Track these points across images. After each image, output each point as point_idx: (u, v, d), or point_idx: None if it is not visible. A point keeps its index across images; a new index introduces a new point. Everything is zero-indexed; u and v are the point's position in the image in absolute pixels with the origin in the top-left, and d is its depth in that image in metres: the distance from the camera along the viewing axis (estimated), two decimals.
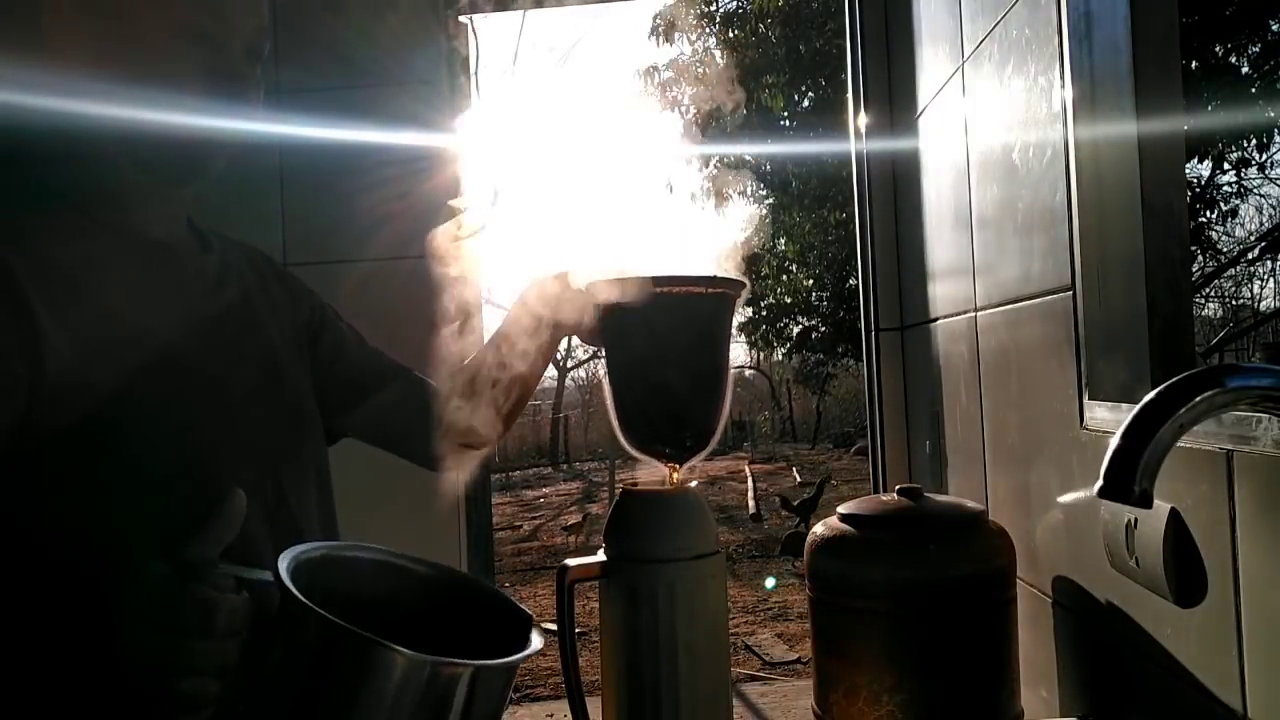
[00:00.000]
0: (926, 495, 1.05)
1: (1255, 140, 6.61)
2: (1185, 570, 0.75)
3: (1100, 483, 0.57)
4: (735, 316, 1.04)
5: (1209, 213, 7.39)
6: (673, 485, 0.98)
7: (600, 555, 0.94)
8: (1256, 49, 6.19)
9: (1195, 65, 5.80)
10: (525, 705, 5.16)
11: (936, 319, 1.51)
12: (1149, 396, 0.57)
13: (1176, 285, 0.92)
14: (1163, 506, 0.76)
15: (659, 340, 0.96)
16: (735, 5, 9.09)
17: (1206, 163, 6.76)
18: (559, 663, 0.96)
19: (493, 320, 1.13)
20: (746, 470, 13.02)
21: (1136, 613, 0.85)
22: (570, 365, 20.71)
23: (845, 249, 9.13)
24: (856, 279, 1.93)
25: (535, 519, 11.23)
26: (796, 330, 11.55)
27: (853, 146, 1.82)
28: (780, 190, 9.71)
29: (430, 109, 1.74)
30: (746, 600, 6.84)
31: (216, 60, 0.84)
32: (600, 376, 1.04)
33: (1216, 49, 6.05)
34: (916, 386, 1.69)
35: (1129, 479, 0.56)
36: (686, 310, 0.96)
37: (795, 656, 5.50)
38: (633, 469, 1.02)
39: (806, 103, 8.66)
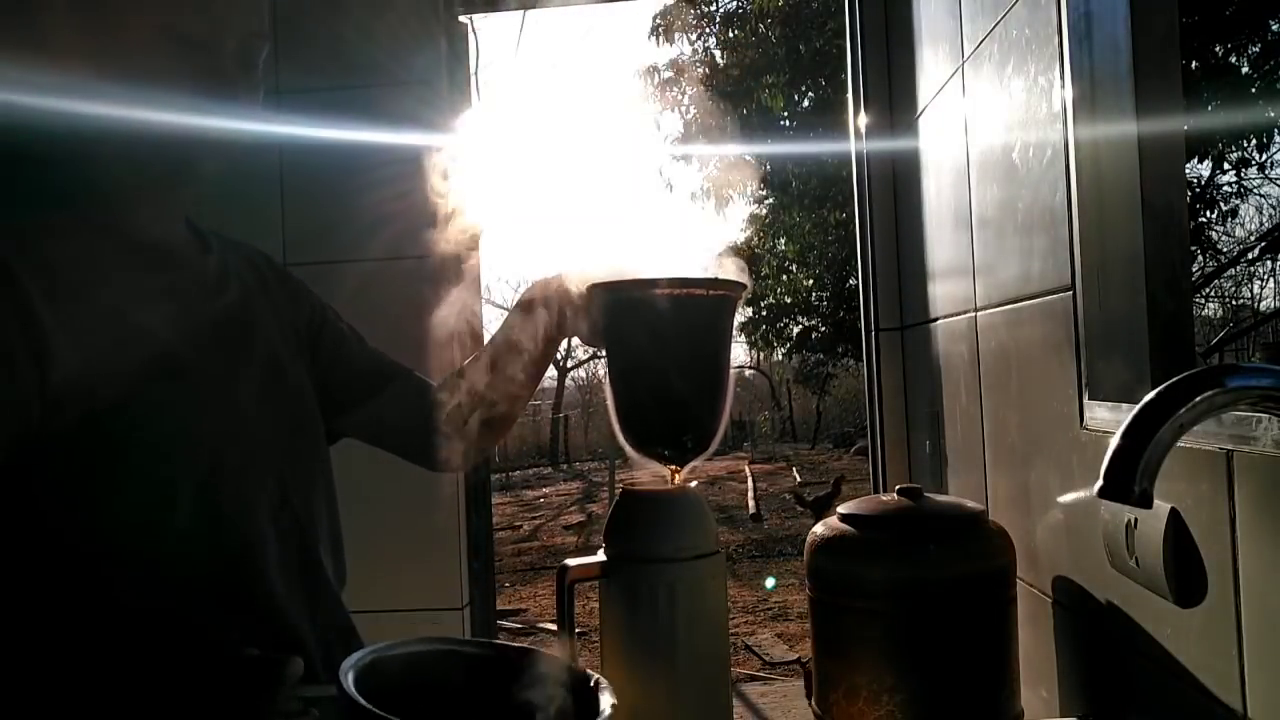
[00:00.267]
0: (926, 495, 1.05)
1: (1255, 140, 6.61)
2: (1185, 570, 0.75)
3: (1100, 483, 0.57)
4: (735, 317, 1.04)
5: (1209, 213, 7.39)
6: (673, 485, 0.98)
7: (600, 555, 0.94)
8: (1256, 49, 6.19)
9: (1195, 65, 5.80)
10: None
11: (936, 319, 1.51)
12: (1149, 396, 0.57)
13: (1176, 285, 0.92)
14: (1163, 506, 0.76)
15: (660, 342, 0.96)
16: (735, 5, 9.09)
17: (1206, 163, 6.76)
18: None
19: (493, 320, 1.13)
20: (746, 470, 13.02)
21: (1136, 613, 0.85)
22: (570, 365, 20.71)
23: (845, 249, 9.13)
24: (856, 279, 1.93)
25: (535, 519, 11.23)
26: (796, 330, 11.55)
27: (853, 146, 1.82)
28: (780, 190, 9.71)
29: (430, 109, 1.74)
30: (746, 600, 6.84)
31: (203, 63, 0.82)
32: (600, 377, 1.04)
33: (1216, 49, 6.05)
34: (916, 386, 1.69)
35: (1129, 479, 0.56)
36: (687, 312, 0.96)
37: (795, 656, 5.50)
38: (633, 469, 1.02)
39: (806, 103, 8.67)
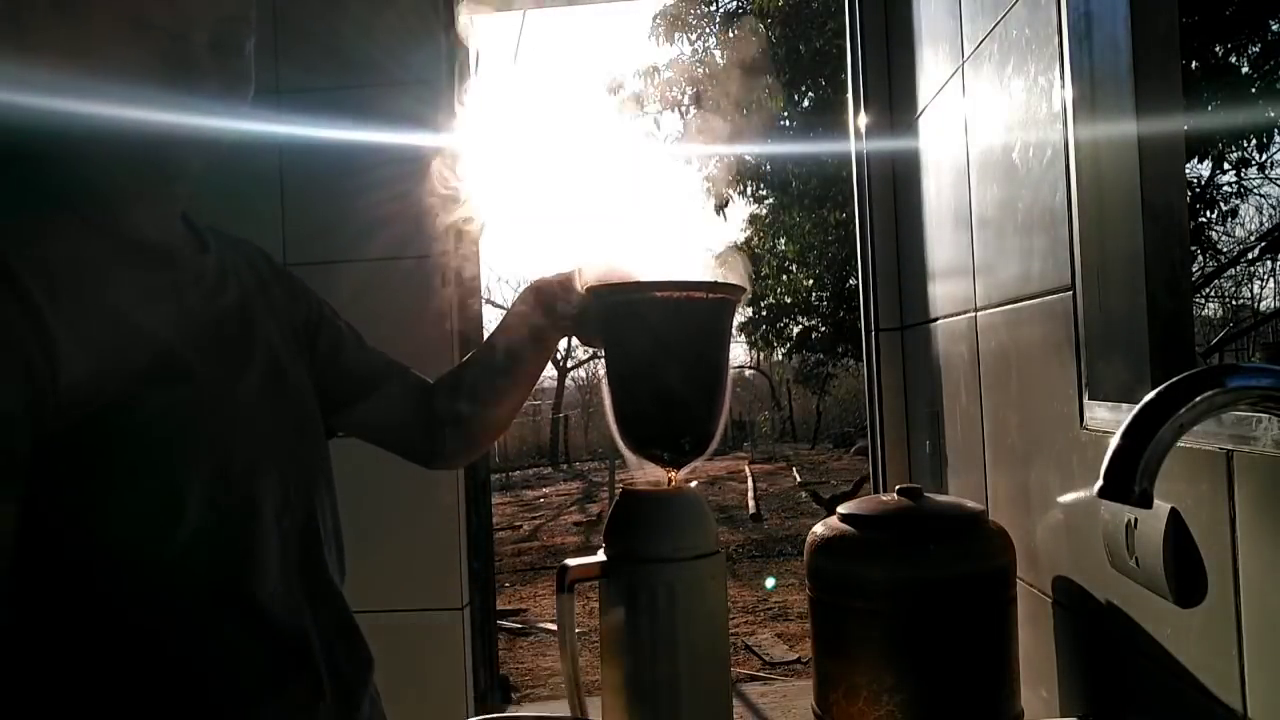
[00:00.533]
0: (926, 495, 1.05)
1: (1255, 140, 6.60)
2: (1185, 570, 0.75)
3: (1100, 483, 0.57)
4: (735, 319, 1.04)
5: (1209, 213, 7.39)
6: (672, 485, 0.98)
7: (600, 555, 0.94)
8: (1256, 49, 6.19)
9: (1195, 65, 5.80)
10: (525, 705, 5.17)
11: (936, 319, 1.51)
12: (1149, 396, 0.57)
13: (1176, 285, 0.92)
14: (1163, 506, 0.76)
15: (659, 344, 0.96)
16: (735, 5, 9.09)
17: (1206, 163, 6.75)
18: (559, 663, 0.96)
19: (492, 320, 1.12)
20: (746, 470, 13.03)
21: (1136, 613, 0.85)
22: (570, 365, 20.71)
23: (845, 249, 9.12)
24: (856, 279, 1.93)
25: (535, 519, 11.23)
26: (796, 330, 11.54)
27: (853, 146, 1.82)
28: (780, 190, 9.71)
29: (430, 109, 1.74)
30: (746, 600, 6.84)
31: (174, 53, 0.80)
32: (600, 377, 1.04)
33: (1216, 49, 6.05)
34: (916, 386, 1.69)
35: (1129, 479, 0.56)
36: (687, 315, 0.96)
37: (795, 656, 5.50)
38: (631, 470, 1.02)
39: (806, 103, 8.67)
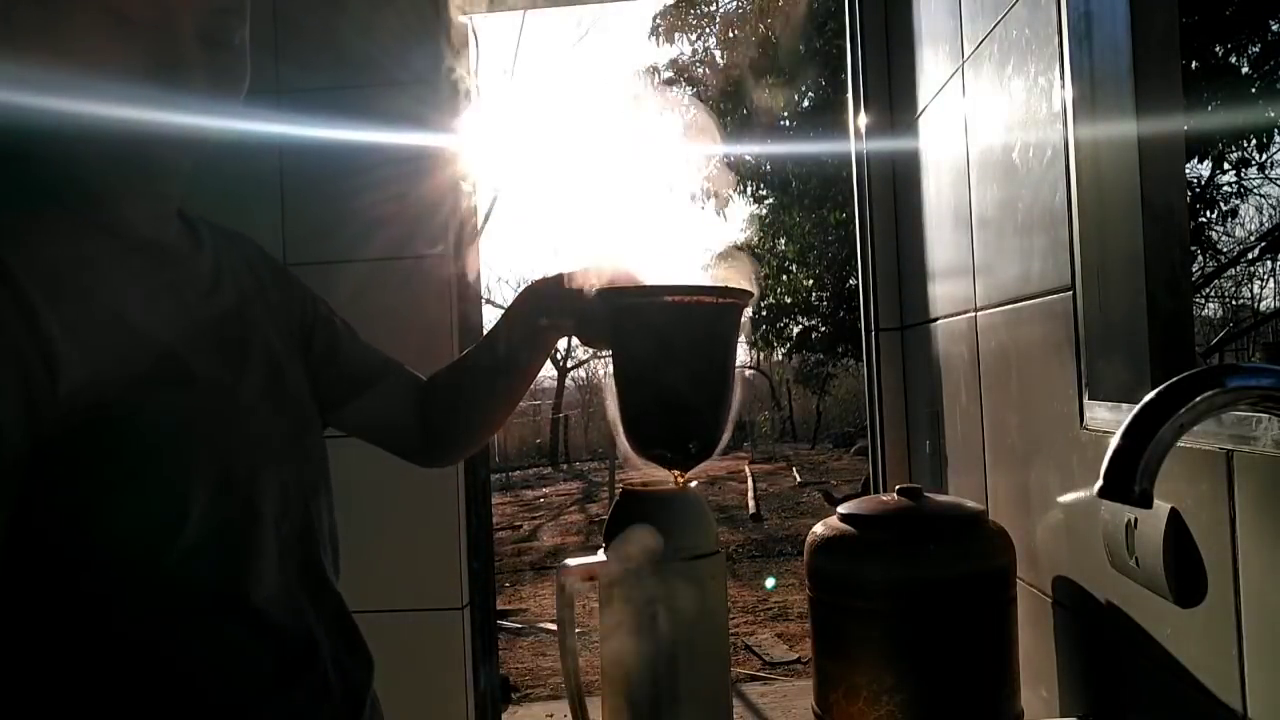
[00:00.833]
0: (926, 495, 1.05)
1: (1255, 140, 6.60)
2: (1185, 570, 0.75)
3: (1100, 483, 0.57)
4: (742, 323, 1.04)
5: (1209, 213, 7.39)
6: (673, 486, 0.98)
7: (600, 555, 0.94)
8: (1256, 49, 6.18)
9: (1195, 65, 5.80)
10: (525, 705, 5.16)
11: (936, 319, 1.51)
12: (1149, 396, 0.57)
13: (1176, 285, 0.92)
14: (1163, 506, 0.76)
15: (667, 348, 0.96)
16: (735, 5, 9.09)
17: (1206, 163, 6.75)
18: (559, 663, 0.96)
19: (492, 320, 1.12)
20: (746, 470, 13.02)
21: (1136, 613, 0.85)
22: (570, 365, 20.70)
23: (845, 249, 9.12)
24: (856, 279, 1.93)
25: (535, 519, 11.23)
26: (796, 330, 11.53)
27: (853, 146, 1.82)
28: (780, 190, 9.70)
29: (429, 109, 1.74)
30: (746, 600, 6.84)
31: (156, 47, 0.79)
32: (601, 377, 1.03)
33: (1216, 49, 6.05)
34: (916, 386, 1.69)
35: (1129, 479, 0.56)
36: (696, 319, 0.95)
37: (795, 656, 5.50)
38: (629, 470, 1.02)
39: (806, 103, 8.67)
